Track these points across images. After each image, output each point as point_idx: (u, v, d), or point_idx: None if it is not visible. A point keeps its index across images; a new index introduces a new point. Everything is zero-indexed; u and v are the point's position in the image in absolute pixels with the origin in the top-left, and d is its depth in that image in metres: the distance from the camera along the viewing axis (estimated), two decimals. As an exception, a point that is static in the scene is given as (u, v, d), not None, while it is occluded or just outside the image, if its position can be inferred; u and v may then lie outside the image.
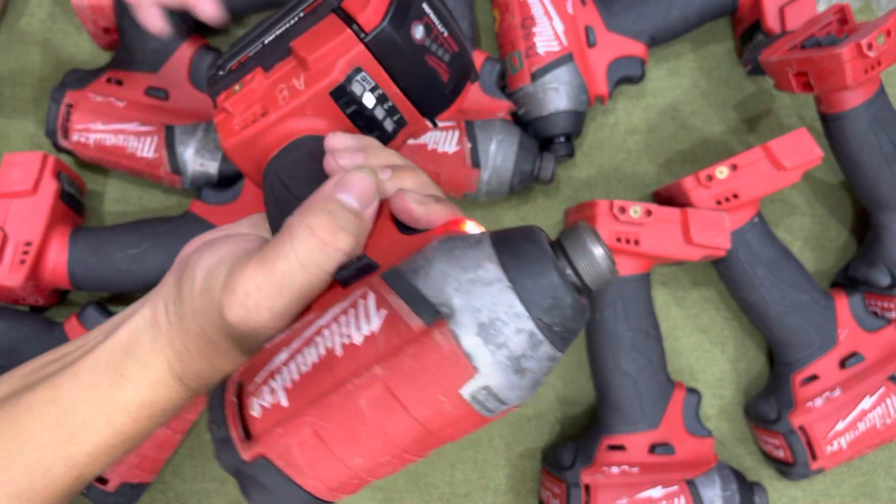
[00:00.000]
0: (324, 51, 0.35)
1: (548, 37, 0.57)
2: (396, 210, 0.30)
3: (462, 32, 0.39)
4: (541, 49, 0.57)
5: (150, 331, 0.32)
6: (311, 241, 0.28)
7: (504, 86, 0.60)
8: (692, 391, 0.55)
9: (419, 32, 0.36)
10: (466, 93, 0.40)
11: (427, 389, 0.23)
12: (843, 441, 0.53)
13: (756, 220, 0.55)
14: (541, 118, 0.58)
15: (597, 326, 0.55)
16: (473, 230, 0.27)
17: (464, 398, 0.23)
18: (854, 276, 0.58)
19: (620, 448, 0.54)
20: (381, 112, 0.37)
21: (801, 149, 0.52)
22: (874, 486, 0.58)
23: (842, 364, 0.55)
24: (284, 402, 0.25)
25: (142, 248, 0.54)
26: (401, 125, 0.38)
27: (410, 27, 0.35)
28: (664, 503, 0.51)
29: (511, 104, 0.58)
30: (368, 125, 0.37)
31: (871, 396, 0.53)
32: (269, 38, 0.38)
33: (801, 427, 0.53)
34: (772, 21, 0.59)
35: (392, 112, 0.38)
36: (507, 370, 0.23)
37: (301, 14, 0.37)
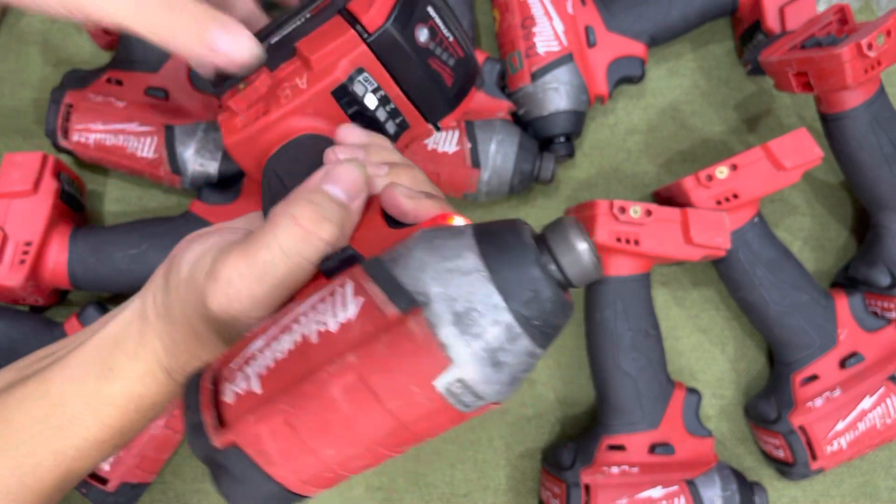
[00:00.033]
0: (327, 50, 0.35)
1: (548, 37, 0.57)
2: (385, 203, 0.29)
3: (470, 39, 0.39)
4: (541, 49, 0.57)
5: (139, 323, 0.32)
6: (294, 231, 0.28)
7: (504, 86, 0.60)
8: (692, 391, 0.55)
9: (423, 35, 0.36)
10: (471, 99, 0.40)
11: (400, 379, 0.23)
12: (843, 441, 0.53)
13: (756, 220, 0.55)
14: (541, 118, 0.58)
15: (597, 326, 0.55)
16: (460, 224, 0.26)
17: (438, 390, 0.23)
18: (854, 276, 0.58)
19: (620, 448, 0.54)
20: (384, 114, 0.37)
21: (801, 149, 0.52)
22: (874, 486, 0.58)
23: (842, 364, 0.55)
24: (258, 389, 0.24)
25: (142, 248, 0.54)
26: (403, 128, 0.38)
27: (414, 29, 0.35)
28: (664, 503, 0.51)
29: (511, 104, 0.58)
30: (370, 127, 0.37)
31: (871, 396, 0.53)
32: (276, 39, 0.38)
33: (801, 427, 0.53)
34: (772, 21, 0.59)
35: (394, 114, 0.37)
36: (483, 363, 0.22)
37: (308, 15, 0.37)
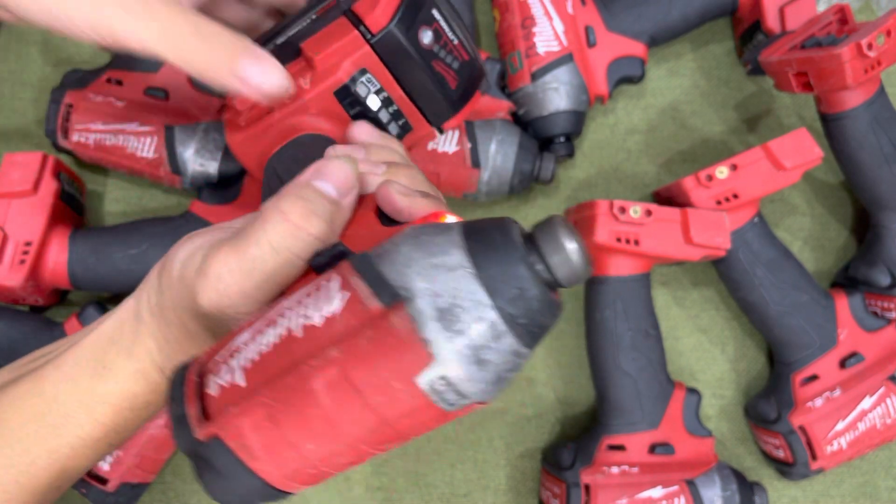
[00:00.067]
0: (330, 51, 0.35)
1: (548, 37, 0.57)
2: (380, 199, 0.29)
3: (475, 43, 0.39)
4: (541, 49, 0.57)
5: (133, 322, 0.32)
6: (284, 226, 0.28)
7: (504, 86, 0.60)
8: (692, 391, 0.55)
9: (427, 37, 0.36)
10: (475, 102, 0.40)
11: (382, 375, 0.22)
12: (843, 441, 0.53)
13: (756, 220, 0.55)
14: (541, 118, 0.58)
15: (597, 326, 0.55)
16: (451, 222, 0.26)
17: (420, 387, 0.22)
18: (854, 276, 0.58)
19: (620, 448, 0.54)
20: (386, 115, 0.37)
21: (801, 149, 0.52)
22: (874, 486, 0.58)
23: (842, 364, 0.55)
24: (241, 382, 0.24)
25: (142, 248, 0.54)
26: (406, 130, 0.38)
27: (418, 31, 0.35)
28: (664, 503, 0.51)
29: (511, 104, 0.58)
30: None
31: (871, 396, 0.53)
32: (282, 40, 0.38)
33: (801, 427, 0.53)
34: (772, 21, 0.59)
35: (397, 116, 0.37)
36: (466, 360, 0.22)
37: (314, 16, 0.37)
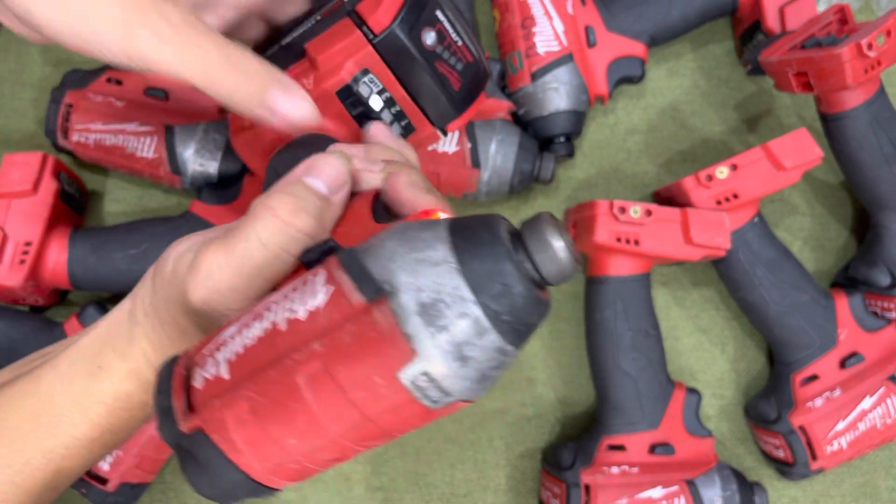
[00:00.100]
0: (333, 51, 0.36)
1: (548, 37, 0.57)
2: (387, 189, 0.29)
3: (480, 45, 0.39)
4: (541, 49, 0.57)
5: (128, 323, 0.32)
6: (272, 222, 0.28)
7: (504, 86, 0.60)
8: (692, 391, 0.55)
9: (430, 38, 0.36)
10: (479, 104, 0.40)
11: (363, 369, 0.22)
12: (844, 441, 0.53)
13: (756, 220, 0.55)
14: (541, 118, 0.58)
15: (597, 326, 0.55)
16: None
17: (402, 383, 0.22)
18: (854, 276, 0.58)
19: (620, 448, 0.54)
20: (389, 116, 0.37)
21: (801, 149, 0.52)
22: (874, 486, 0.58)
23: (842, 364, 0.55)
24: (226, 375, 0.24)
25: (142, 248, 0.54)
26: (409, 131, 0.38)
27: (421, 32, 0.35)
28: (664, 503, 0.51)
29: (511, 104, 0.58)
30: None
31: (872, 396, 0.53)
32: (287, 41, 0.38)
33: (801, 427, 0.53)
34: (772, 21, 0.59)
35: (399, 117, 0.38)
36: (449, 356, 0.22)
37: (319, 17, 0.38)
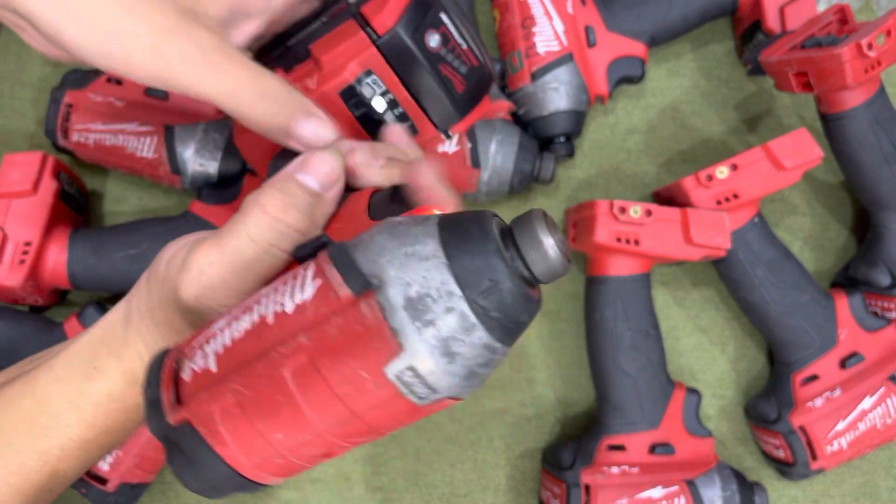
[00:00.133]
0: (337, 52, 0.36)
1: (548, 37, 0.57)
2: (410, 176, 0.29)
3: (486, 49, 0.39)
4: (541, 49, 0.57)
5: (123, 324, 0.32)
6: (262, 218, 0.28)
7: (504, 86, 0.60)
8: (692, 391, 0.55)
9: (434, 41, 0.36)
10: (483, 107, 0.40)
11: (350, 364, 0.22)
12: (844, 441, 0.53)
13: (756, 220, 0.55)
14: (541, 118, 0.58)
15: (597, 326, 0.55)
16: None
17: (388, 378, 0.22)
18: (854, 276, 0.58)
19: (620, 448, 0.54)
20: (391, 117, 0.37)
21: (801, 149, 0.52)
22: (874, 486, 0.58)
23: (842, 364, 0.55)
24: (213, 368, 0.24)
25: (142, 248, 0.54)
26: (412, 133, 0.38)
27: (425, 34, 0.35)
28: (664, 503, 0.51)
29: (511, 104, 0.58)
30: (378, 130, 0.37)
31: (872, 396, 0.53)
32: (293, 42, 0.38)
33: (802, 427, 0.53)
34: (772, 21, 0.59)
35: (402, 118, 0.38)
36: (435, 352, 0.22)
37: (325, 19, 0.38)
